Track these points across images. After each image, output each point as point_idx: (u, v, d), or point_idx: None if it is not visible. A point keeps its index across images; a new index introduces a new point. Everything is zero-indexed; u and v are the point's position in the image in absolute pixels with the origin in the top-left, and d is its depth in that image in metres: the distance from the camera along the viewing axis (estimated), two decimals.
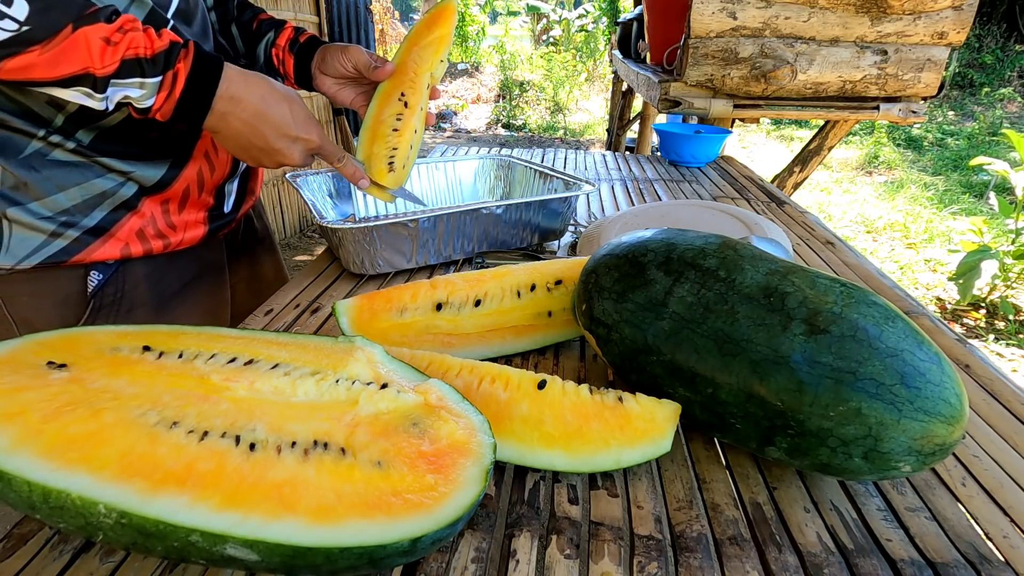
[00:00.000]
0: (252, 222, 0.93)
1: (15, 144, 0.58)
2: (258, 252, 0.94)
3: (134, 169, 0.64)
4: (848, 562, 0.39)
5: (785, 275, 0.43)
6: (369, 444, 0.36)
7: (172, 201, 0.69)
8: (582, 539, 0.40)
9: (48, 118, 0.58)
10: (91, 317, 0.67)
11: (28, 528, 0.39)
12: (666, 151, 1.54)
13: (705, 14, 1.49)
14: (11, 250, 0.61)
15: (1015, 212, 2.79)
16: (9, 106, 0.56)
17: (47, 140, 0.59)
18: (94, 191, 0.63)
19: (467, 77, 9.19)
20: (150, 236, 0.68)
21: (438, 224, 0.79)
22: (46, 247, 0.62)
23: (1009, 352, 2.46)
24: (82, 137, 0.60)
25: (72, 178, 0.61)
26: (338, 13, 4.40)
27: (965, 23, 1.53)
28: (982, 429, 0.53)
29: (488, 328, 0.60)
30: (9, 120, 0.57)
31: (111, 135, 0.62)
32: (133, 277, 0.69)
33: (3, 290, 0.63)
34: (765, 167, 5.18)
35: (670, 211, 0.92)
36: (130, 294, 0.69)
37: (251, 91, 0.59)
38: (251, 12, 0.82)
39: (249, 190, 0.83)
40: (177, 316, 0.74)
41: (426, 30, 0.76)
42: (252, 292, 0.91)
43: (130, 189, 0.65)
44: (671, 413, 0.45)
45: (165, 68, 0.53)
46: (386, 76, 0.74)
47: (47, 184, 0.60)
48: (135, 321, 0.70)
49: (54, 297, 0.65)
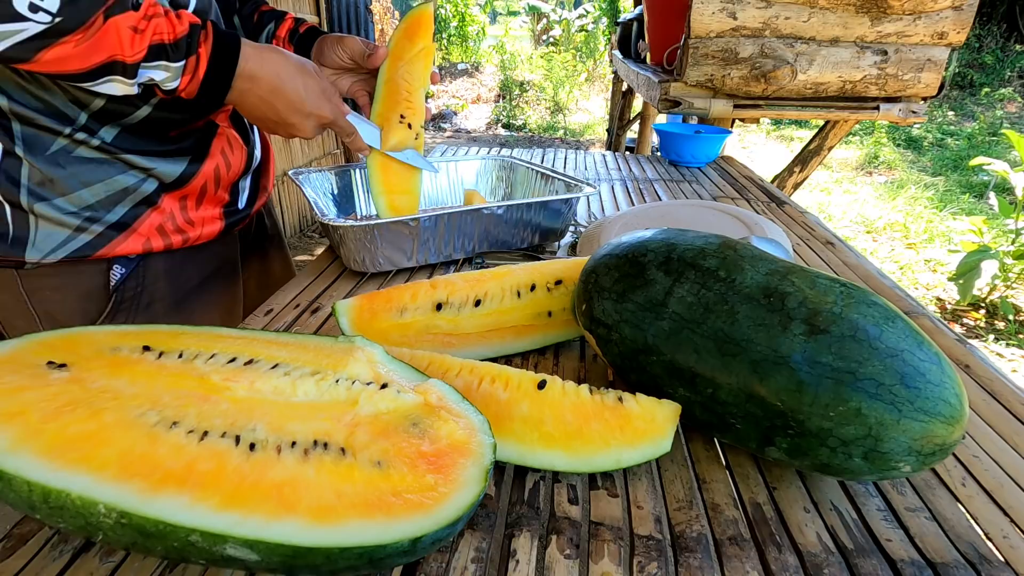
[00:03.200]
0: (263, 219, 0.95)
1: (42, 141, 0.60)
2: (268, 249, 0.96)
3: (155, 165, 0.66)
4: (848, 562, 0.39)
5: (785, 275, 0.43)
6: (369, 444, 0.36)
7: (190, 197, 0.71)
8: (582, 539, 0.40)
9: (73, 116, 0.60)
10: (113, 311, 0.68)
11: (28, 528, 0.39)
12: (666, 151, 1.54)
13: (705, 14, 1.49)
14: (37, 244, 0.62)
15: (1015, 212, 2.79)
16: (36, 104, 0.58)
17: (72, 137, 0.61)
18: (117, 187, 0.64)
19: (467, 77, 9.19)
20: (169, 231, 0.70)
21: (439, 223, 0.79)
22: (71, 241, 0.63)
23: (1009, 352, 2.46)
24: (105, 135, 0.62)
25: (96, 174, 0.63)
26: (338, 13, 4.40)
27: (965, 23, 1.53)
28: (982, 429, 0.53)
29: (488, 328, 0.60)
30: (36, 118, 0.58)
31: (133, 132, 0.64)
32: (153, 272, 0.71)
33: (28, 284, 0.65)
34: (765, 167, 5.18)
35: (670, 211, 0.92)
36: (150, 288, 0.71)
37: (266, 68, 0.61)
38: (252, 4, 0.83)
39: (262, 187, 0.85)
40: (195, 310, 0.77)
41: (407, 42, 0.77)
42: (261, 288, 0.93)
43: (151, 185, 0.67)
44: (671, 413, 0.45)
45: (188, 53, 0.55)
46: (380, 61, 0.76)
47: (72, 180, 0.62)
48: (155, 315, 0.72)
49: (77, 291, 0.67)
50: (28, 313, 0.66)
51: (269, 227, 0.97)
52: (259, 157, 0.83)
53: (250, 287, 0.92)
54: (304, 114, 0.65)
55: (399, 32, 0.77)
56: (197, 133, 0.71)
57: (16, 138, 0.59)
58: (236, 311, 0.85)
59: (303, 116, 0.65)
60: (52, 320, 0.67)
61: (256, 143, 0.82)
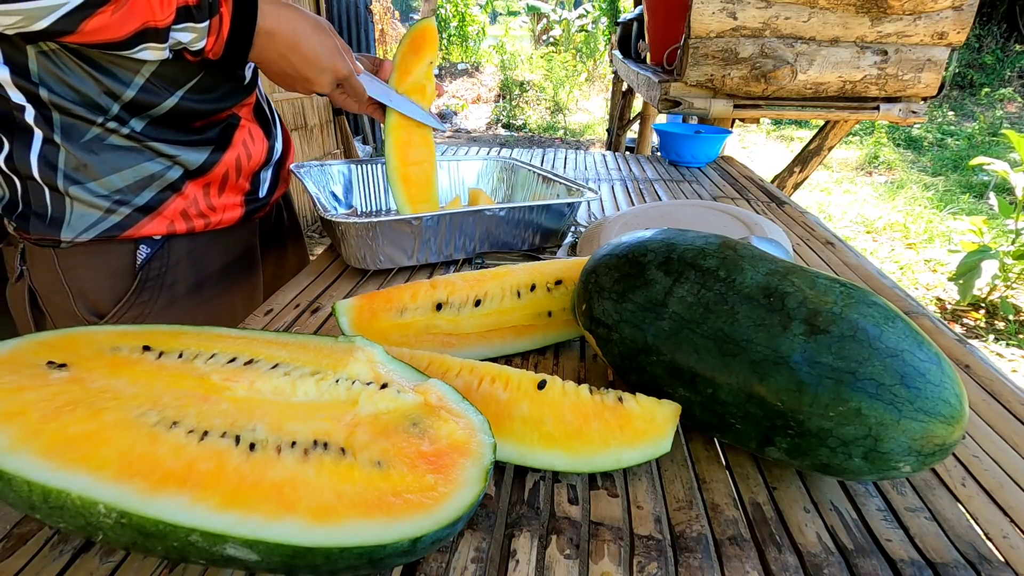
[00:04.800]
0: (283, 212, 0.99)
1: (78, 130, 0.64)
2: (287, 241, 1.00)
3: (180, 153, 0.70)
4: (848, 562, 0.39)
5: (785, 275, 0.43)
6: (369, 444, 0.36)
7: (212, 185, 0.76)
8: (582, 539, 0.40)
9: (106, 107, 0.64)
10: (138, 288, 0.74)
11: (28, 528, 0.39)
12: (666, 151, 1.54)
13: (705, 14, 1.49)
14: (72, 224, 0.67)
15: (1015, 212, 2.79)
16: (73, 96, 0.62)
17: (104, 126, 0.65)
18: (144, 173, 0.69)
19: (467, 77, 9.19)
20: (192, 215, 0.74)
21: (440, 222, 0.79)
22: (101, 222, 0.68)
23: (1009, 352, 2.46)
24: (135, 124, 0.67)
25: (126, 161, 0.67)
26: (338, 13, 4.40)
27: (965, 23, 1.53)
28: (982, 429, 0.53)
29: (488, 328, 0.60)
30: (73, 108, 0.63)
31: (161, 123, 0.69)
32: (176, 254, 0.75)
33: (63, 262, 0.70)
34: (765, 167, 5.18)
35: (670, 211, 0.92)
36: (173, 269, 0.75)
37: (283, 24, 0.65)
38: None
39: (282, 178, 0.89)
40: (215, 295, 0.81)
41: (413, 56, 0.80)
42: (276, 279, 0.96)
43: (175, 172, 0.71)
44: (671, 413, 0.45)
45: (211, 13, 0.59)
46: (387, 76, 0.79)
47: (104, 166, 0.66)
48: (176, 296, 0.77)
49: (107, 269, 0.72)
50: (64, 290, 0.71)
51: (287, 219, 1.00)
52: (280, 150, 0.86)
53: (266, 278, 0.95)
54: (320, 68, 0.69)
55: (404, 46, 0.79)
56: (221, 124, 0.75)
57: (55, 127, 0.63)
58: (256, 298, 0.89)
59: (319, 71, 0.69)
60: (84, 298, 0.72)
61: (278, 136, 0.86)
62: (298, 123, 3.79)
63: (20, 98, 0.61)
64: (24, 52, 0.59)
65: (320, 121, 4.12)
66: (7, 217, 0.69)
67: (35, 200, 0.66)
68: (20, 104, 0.61)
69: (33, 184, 0.65)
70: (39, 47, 0.59)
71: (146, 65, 0.64)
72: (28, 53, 0.59)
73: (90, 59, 0.61)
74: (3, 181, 0.66)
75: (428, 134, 0.85)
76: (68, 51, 0.60)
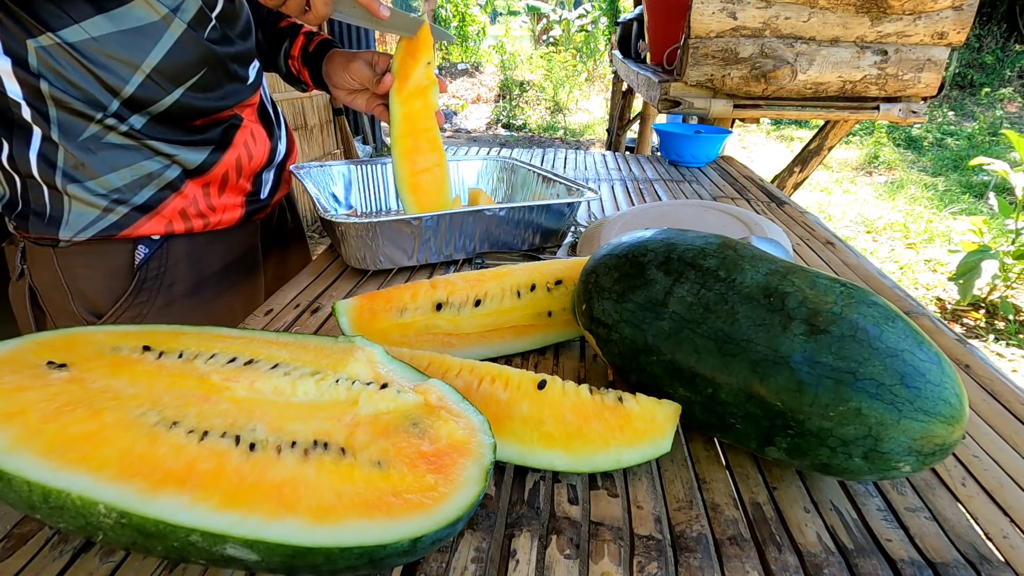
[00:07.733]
0: (286, 214, 0.99)
1: (76, 127, 0.64)
2: (289, 244, 1.00)
3: (178, 152, 0.70)
4: (848, 562, 0.39)
5: (785, 275, 0.43)
6: (369, 444, 0.36)
7: (212, 185, 0.76)
8: (582, 539, 0.40)
9: (105, 103, 0.64)
10: (136, 288, 0.73)
11: (28, 528, 0.39)
12: (666, 151, 1.54)
13: (705, 14, 1.49)
14: (70, 223, 0.67)
15: (1015, 212, 2.79)
16: (73, 91, 0.62)
17: (103, 124, 0.65)
18: (142, 172, 0.69)
19: (467, 77, 9.19)
20: (191, 215, 0.74)
21: (440, 223, 0.79)
22: (100, 221, 0.68)
23: (1009, 352, 2.46)
24: (135, 121, 0.66)
25: (124, 160, 0.67)
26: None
27: (965, 23, 1.53)
28: (982, 429, 0.53)
29: (488, 328, 0.60)
30: (72, 103, 0.62)
31: (161, 121, 0.68)
32: (175, 254, 0.75)
33: (61, 261, 0.70)
34: (765, 167, 5.18)
35: (670, 211, 0.92)
36: (171, 269, 0.75)
37: None
38: (271, 24, 0.88)
39: (284, 180, 0.89)
40: (214, 297, 0.81)
41: (411, 59, 0.79)
42: (278, 281, 0.96)
43: (174, 171, 0.71)
44: (671, 413, 0.45)
45: None
46: (388, 87, 0.79)
47: (102, 165, 0.66)
48: (175, 297, 0.76)
49: (105, 269, 0.72)
50: (63, 289, 0.71)
51: (289, 221, 0.99)
52: (283, 151, 0.86)
53: (267, 279, 0.94)
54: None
55: (400, 52, 0.78)
56: (222, 124, 0.74)
57: (52, 123, 0.62)
58: (256, 300, 0.88)
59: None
60: (82, 297, 0.72)
61: (282, 138, 0.86)
62: (298, 123, 3.79)
63: (17, 94, 0.60)
64: (24, 46, 0.58)
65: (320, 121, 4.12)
66: (7, 215, 0.69)
67: (34, 199, 0.66)
68: (17, 100, 0.60)
69: (32, 182, 0.65)
70: (38, 42, 0.58)
71: (147, 60, 0.64)
72: (28, 47, 0.58)
73: (89, 55, 0.61)
74: (3, 179, 0.66)
75: (436, 137, 0.82)
76: (67, 48, 0.59)
